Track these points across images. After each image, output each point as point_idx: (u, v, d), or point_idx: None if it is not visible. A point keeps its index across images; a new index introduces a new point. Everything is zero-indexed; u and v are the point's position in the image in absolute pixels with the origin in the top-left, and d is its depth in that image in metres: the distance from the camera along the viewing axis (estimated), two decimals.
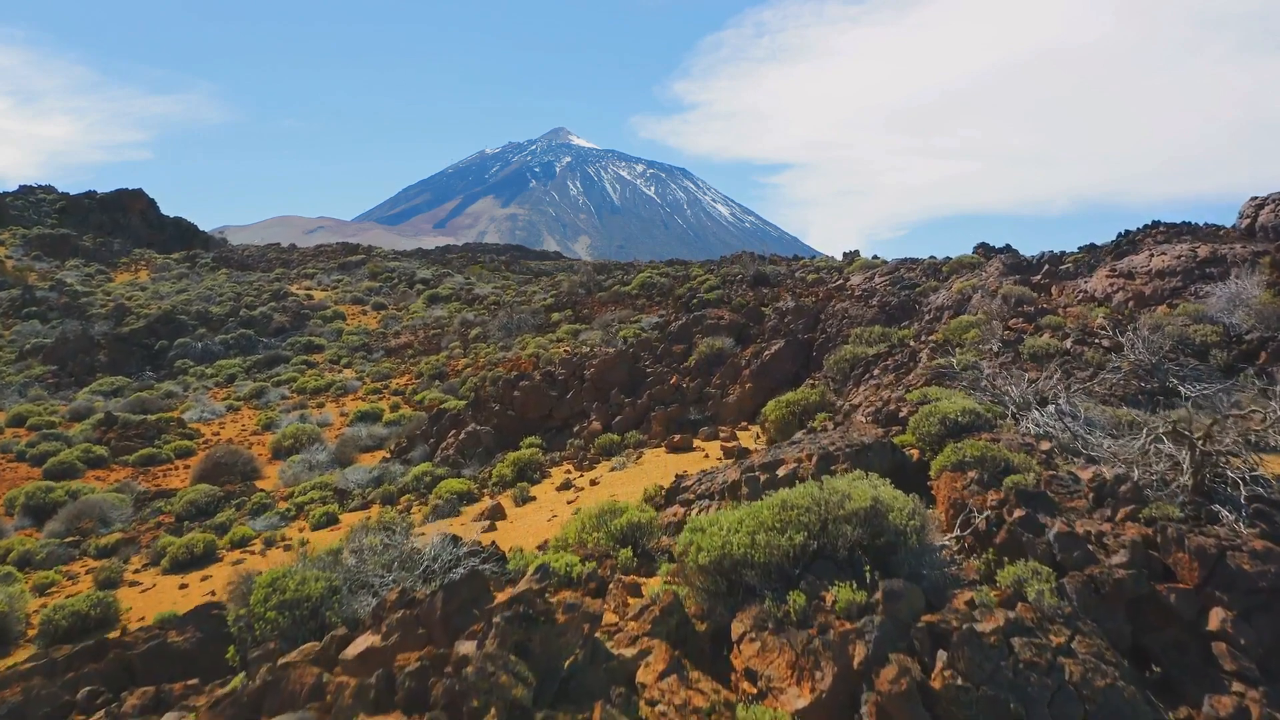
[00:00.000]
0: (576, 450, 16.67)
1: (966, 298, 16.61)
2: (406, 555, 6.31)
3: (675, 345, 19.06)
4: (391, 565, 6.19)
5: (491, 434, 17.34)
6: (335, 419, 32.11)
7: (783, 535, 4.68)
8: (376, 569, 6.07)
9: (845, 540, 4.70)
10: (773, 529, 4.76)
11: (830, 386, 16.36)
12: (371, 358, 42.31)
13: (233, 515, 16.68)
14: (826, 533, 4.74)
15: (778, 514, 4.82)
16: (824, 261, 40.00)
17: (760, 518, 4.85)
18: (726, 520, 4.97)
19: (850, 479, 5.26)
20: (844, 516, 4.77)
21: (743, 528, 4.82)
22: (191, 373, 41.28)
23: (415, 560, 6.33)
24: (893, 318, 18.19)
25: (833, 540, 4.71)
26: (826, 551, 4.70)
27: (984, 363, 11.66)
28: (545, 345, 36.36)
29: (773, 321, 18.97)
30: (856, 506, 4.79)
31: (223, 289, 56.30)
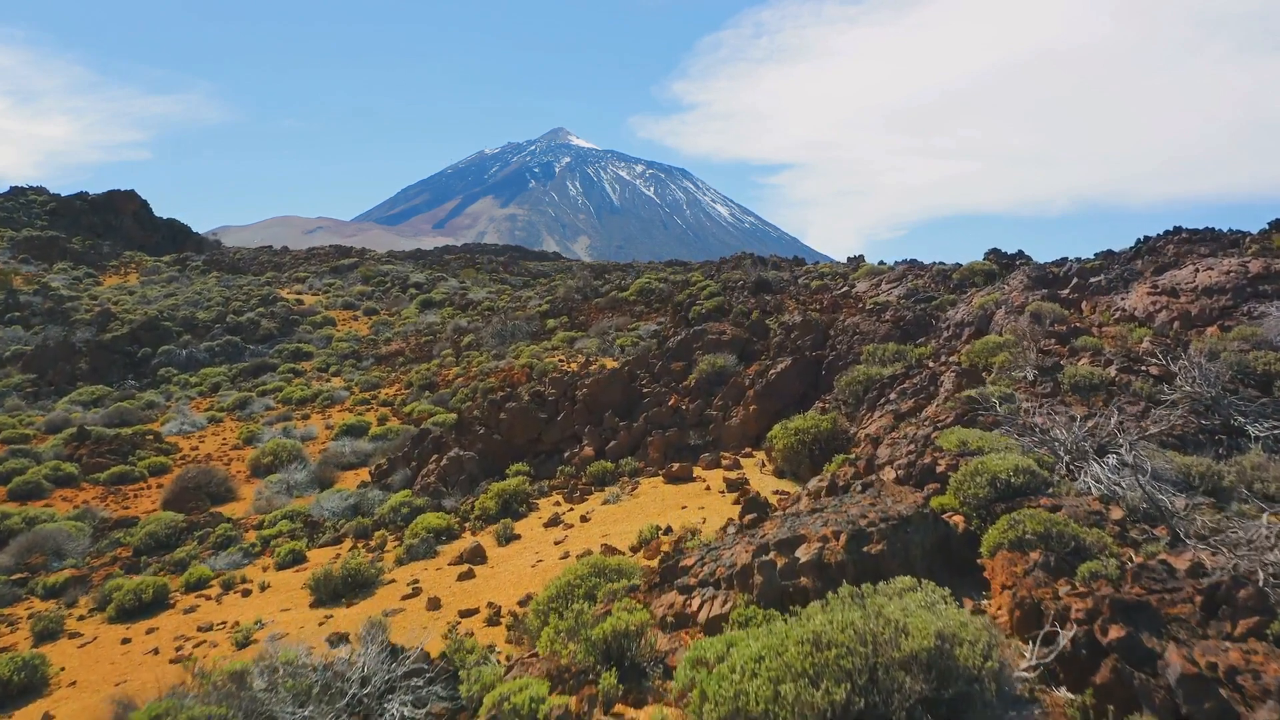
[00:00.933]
0: (567, 479, 15.38)
1: (989, 314, 15.33)
2: (329, 681, 5.02)
3: (674, 363, 17.77)
4: (310, 693, 4.91)
5: (476, 460, 16.06)
6: (320, 432, 30.82)
7: (817, 688, 3.44)
8: (288, 702, 4.79)
9: (903, 696, 3.45)
10: (802, 675, 3.51)
11: (842, 410, 15.08)
12: (361, 366, 41.02)
13: (194, 550, 15.40)
14: (876, 685, 3.49)
15: (809, 655, 3.57)
16: (828, 267, 38.73)
17: (786, 657, 3.61)
18: (740, 656, 3.72)
19: (902, 595, 4.01)
20: (899, 661, 3.53)
21: (762, 671, 3.57)
22: (175, 381, 39.98)
23: (340, 686, 5.04)
24: (908, 334, 16.91)
25: (885, 696, 3.47)
26: (877, 712, 3.45)
27: (1020, 395, 10.37)
28: (539, 354, 35.08)
29: (778, 337, 17.69)
30: (916, 647, 3.54)
31: (211, 293, 54.99)
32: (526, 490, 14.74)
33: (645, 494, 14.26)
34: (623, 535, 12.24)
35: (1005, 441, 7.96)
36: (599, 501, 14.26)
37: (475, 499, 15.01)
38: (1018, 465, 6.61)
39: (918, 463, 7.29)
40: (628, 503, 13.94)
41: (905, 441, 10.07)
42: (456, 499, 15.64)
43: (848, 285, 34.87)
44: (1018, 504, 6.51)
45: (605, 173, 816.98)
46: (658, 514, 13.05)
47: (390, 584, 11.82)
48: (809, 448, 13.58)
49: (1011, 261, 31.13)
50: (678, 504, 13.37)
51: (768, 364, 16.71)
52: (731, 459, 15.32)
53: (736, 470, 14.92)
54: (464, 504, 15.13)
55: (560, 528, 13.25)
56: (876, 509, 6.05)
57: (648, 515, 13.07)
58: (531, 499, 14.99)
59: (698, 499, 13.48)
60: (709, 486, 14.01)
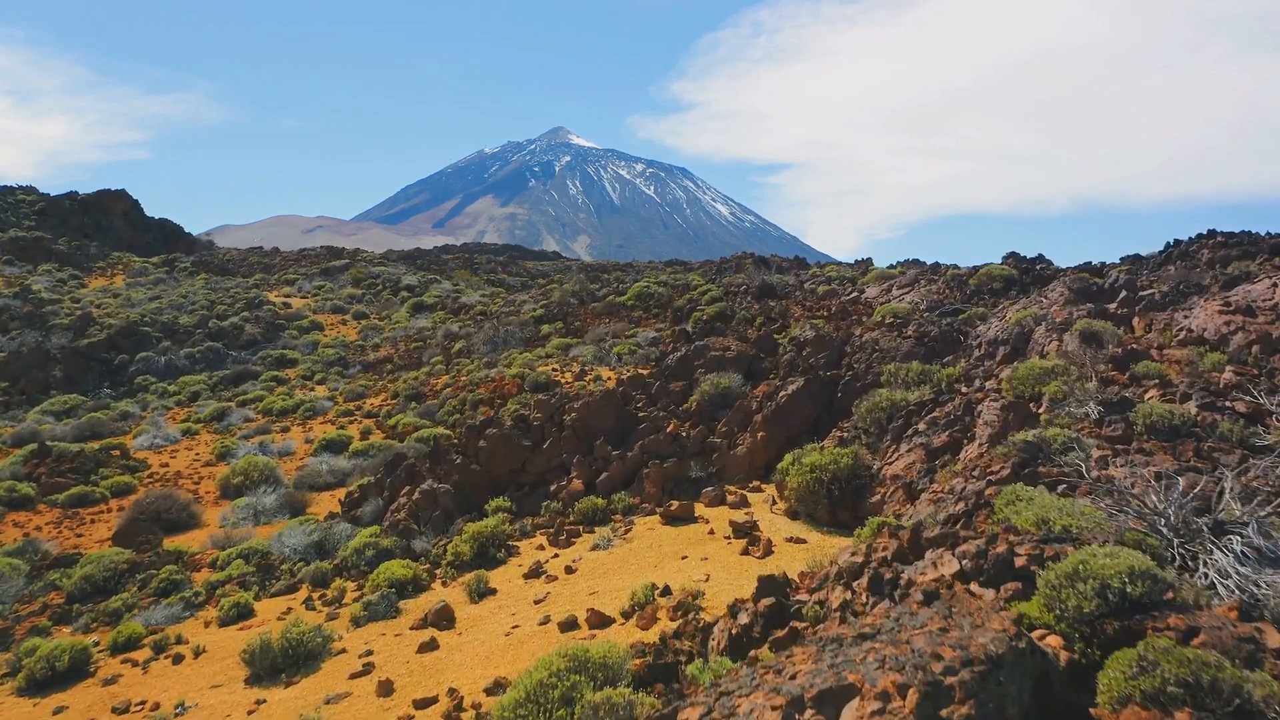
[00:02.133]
0: (552, 517, 13.67)
1: (1026, 331, 13.63)
2: None
3: (673, 382, 16.06)
4: None
5: (451, 494, 14.35)
6: (300, 446, 29.13)
7: None
8: None
9: None
10: None
11: (862, 440, 13.37)
12: (347, 373, 39.32)
13: (133, 597, 13.69)
14: None
15: None
16: (835, 270, 37.00)
17: None
18: None
19: None
20: None
21: None
22: (153, 390, 38.26)
23: None
24: (933, 352, 15.20)
25: None
26: None
27: (1087, 439, 8.65)
28: (532, 362, 33.38)
29: (789, 354, 15.97)
30: None
31: (197, 296, 53.27)
32: (506, 532, 13.03)
33: (640, 538, 12.55)
34: (613, 593, 10.54)
35: (1096, 517, 6.24)
36: (587, 546, 12.55)
37: (449, 540, 13.30)
38: (1133, 568, 4.91)
39: (989, 551, 5.58)
40: (620, 549, 12.23)
41: (952, 498, 8.36)
42: (428, 539, 13.92)
43: (856, 290, 33.17)
44: (1138, 624, 4.81)
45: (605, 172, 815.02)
46: (654, 565, 11.34)
47: (340, 655, 10.11)
48: (827, 487, 11.88)
49: (1031, 266, 29.42)
50: (677, 552, 11.67)
51: (777, 385, 15.01)
52: (738, 494, 13.62)
53: (744, 509, 13.22)
54: (436, 546, 13.42)
55: (542, 580, 11.54)
56: (951, 640, 4.37)
57: (642, 567, 11.37)
58: (512, 540, 13.28)
59: (700, 546, 11.78)
60: (713, 530, 12.31)
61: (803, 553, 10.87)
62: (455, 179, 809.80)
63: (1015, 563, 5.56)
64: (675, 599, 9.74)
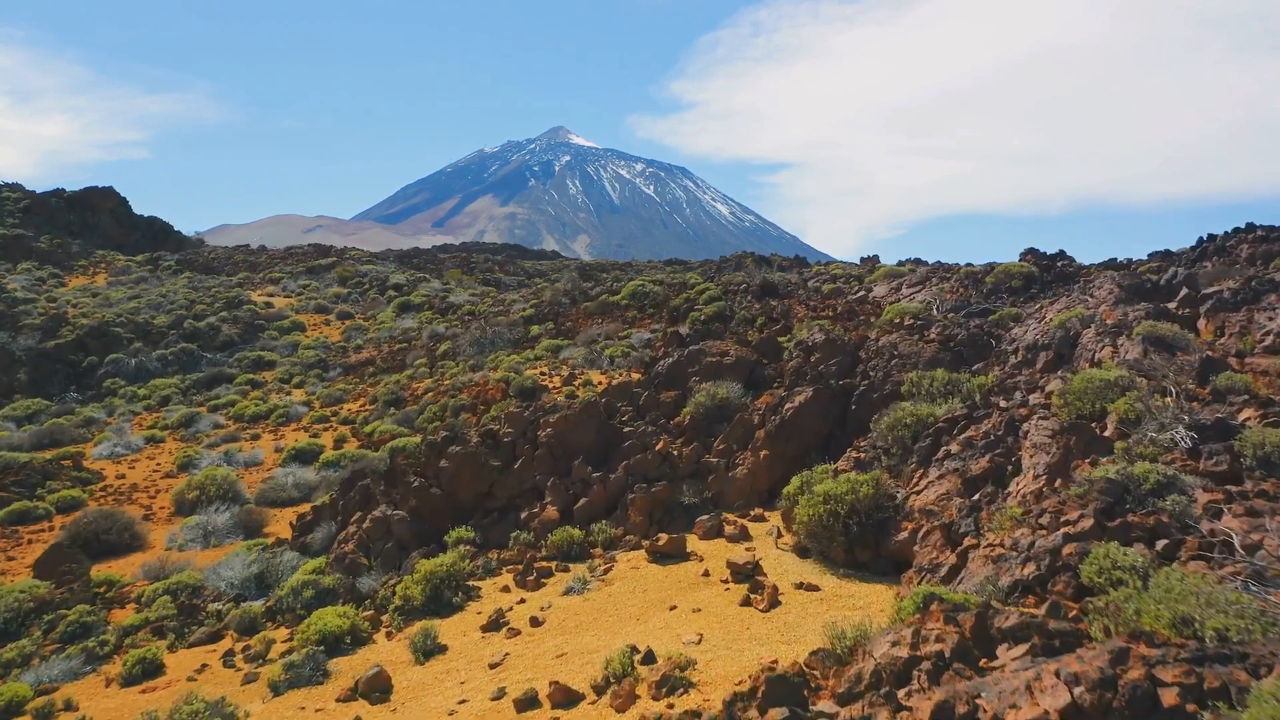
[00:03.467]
0: (522, 550, 11.74)
1: (1073, 334, 11.72)
2: None
3: (664, 392, 14.12)
4: None
5: (407, 522, 12.43)
6: (268, 455, 27.24)
7: None
8: None
9: None
10: None
11: (883, 462, 11.47)
12: (327, 376, 37.39)
13: (35, 644, 11.76)
14: None
15: None
16: (840, 268, 35.07)
17: None
18: None
19: None
20: None
21: None
22: (121, 394, 36.31)
23: None
24: (961, 358, 13.28)
25: None
26: None
27: (1189, 479, 6.73)
28: (520, 365, 31.47)
29: (795, 360, 14.03)
30: None
31: (177, 296, 51.32)
32: (465, 570, 11.11)
33: (622, 579, 10.63)
34: (585, 656, 8.63)
35: (1250, 608, 4.32)
36: (560, 589, 10.63)
37: (400, 579, 11.38)
38: None
39: (1116, 677, 3.68)
40: (598, 594, 10.31)
41: (1017, 556, 6.45)
42: (378, 575, 12.00)
43: (864, 289, 31.25)
44: None
45: (605, 171, 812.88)
46: (636, 617, 9.43)
47: None
48: (844, 521, 9.96)
49: (1051, 262, 27.48)
50: (664, 600, 9.76)
51: (782, 396, 13.09)
52: (737, 524, 11.72)
53: (744, 543, 11.30)
54: (385, 586, 11.49)
55: (503, 634, 9.62)
56: None
57: (622, 619, 9.45)
58: (473, 580, 11.36)
59: (693, 593, 9.86)
60: (708, 571, 10.39)
61: (816, 605, 8.97)
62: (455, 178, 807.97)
63: (1162, 699, 3.63)
64: (659, 669, 7.83)
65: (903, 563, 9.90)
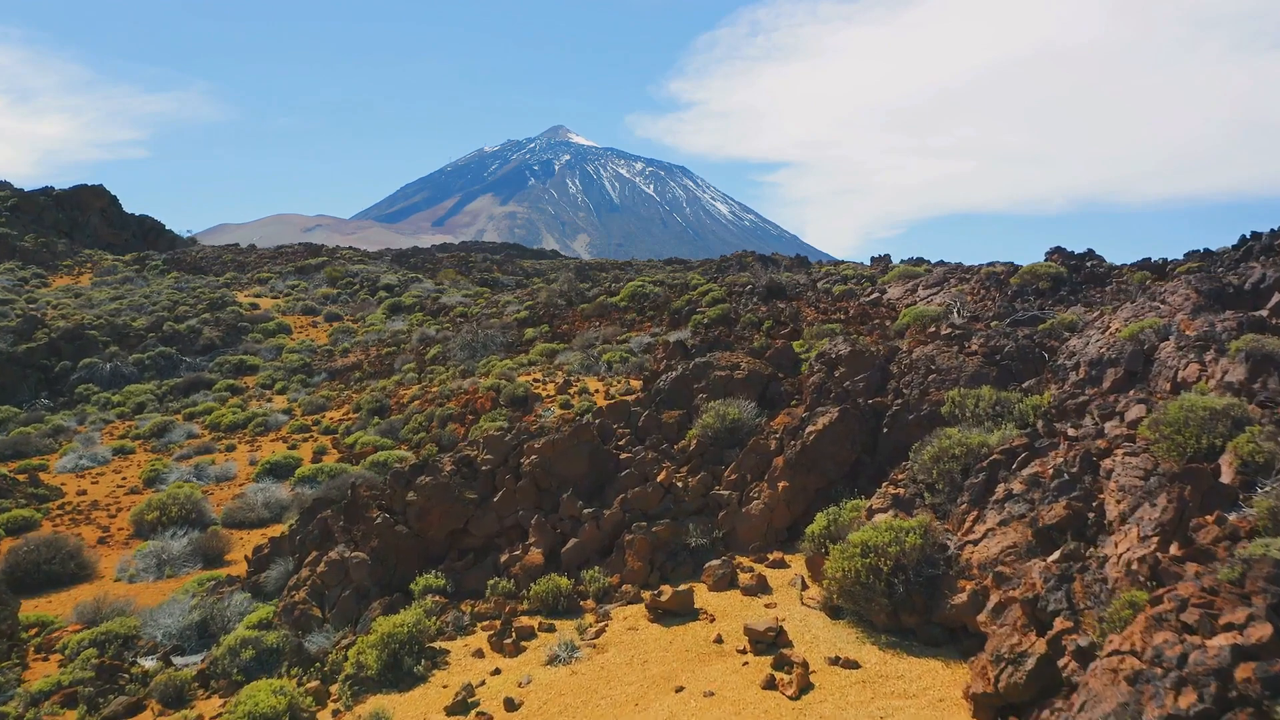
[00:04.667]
0: (499, 602, 9.96)
1: (1147, 348, 9.98)
2: None
3: (666, 411, 12.34)
4: None
5: (368, 566, 10.67)
6: (242, 469, 25.46)
7: None
8: None
9: None
10: None
11: (926, 500, 9.71)
12: (311, 381, 35.62)
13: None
14: None
15: None
16: (851, 268, 33.28)
17: None
18: None
19: None
20: None
21: None
22: (94, 400, 34.55)
23: None
24: (1009, 373, 11.52)
25: None
26: None
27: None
28: (512, 371, 29.71)
29: (817, 374, 12.24)
30: None
31: (160, 296, 49.52)
32: (430, 630, 9.33)
33: (617, 645, 8.87)
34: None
35: None
36: (542, 656, 8.86)
37: (356, 637, 9.61)
38: None
39: None
40: (588, 664, 8.55)
41: (1164, 677, 4.68)
42: (332, 631, 10.24)
43: (877, 291, 29.49)
44: None
45: (605, 170, 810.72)
46: (634, 702, 7.67)
47: None
48: (886, 580, 8.20)
49: (1081, 263, 25.71)
50: (669, 678, 8.00)
51: (803, 417, 11.32)
52: (753, 572, 9.97)
53: (763, 596, 9.54)
54: (338, 646, 9.72)
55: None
56: None
57: (617, 706, 7.69)
58: (443, 638, 9.59)
59: (703, 667, 8.11)
60: (721, 636, 8.63)
61: (858, 691, 7.21)
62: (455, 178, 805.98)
63: None
64: None
65: (958, 629, 8.17)
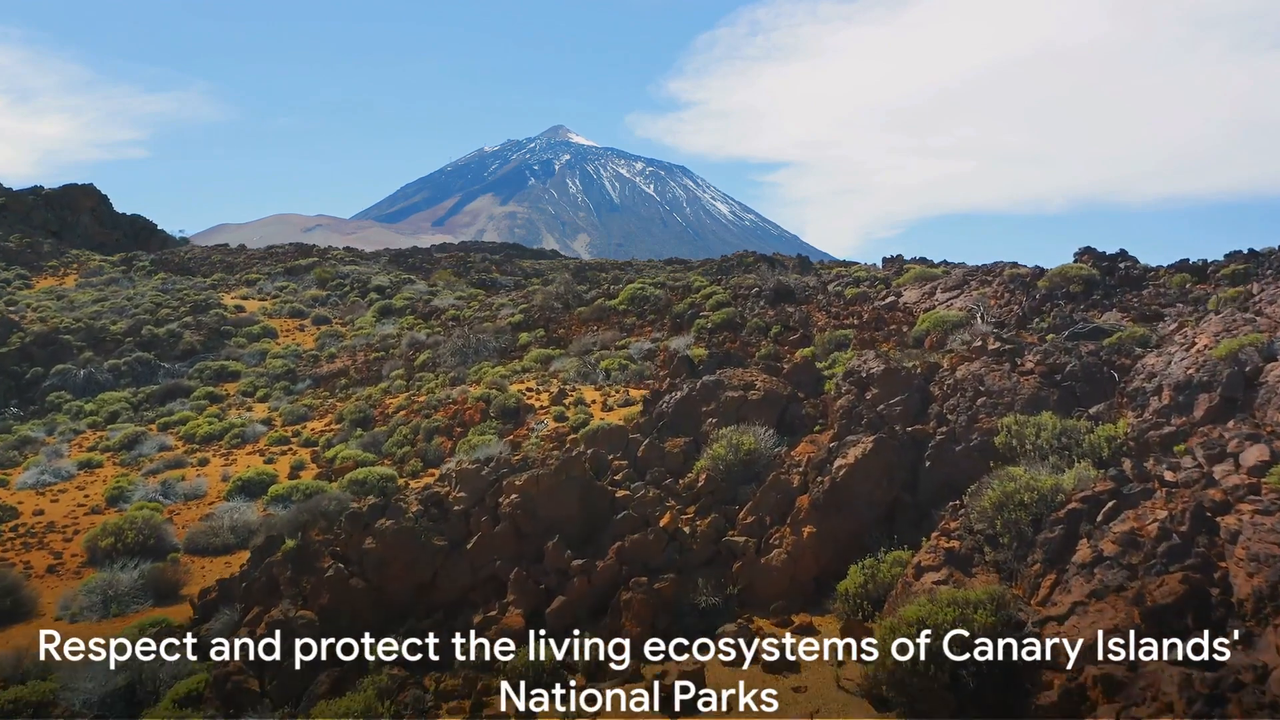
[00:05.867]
0: (470, 679, 8.25)
1: (1250, 370, 8.30)
2: None
3: (669, 439, 10.63)
4: None
5: (315, 627, 8.97)
6: (214, 485, 23.73)
7: None
8: None
9: None
10: None
11: (985, 555, 8.00)
12: (295, 389, 33.91)
13: None
14: None
15: None
16: (864, 270, 31.56)
17: None
18: None
19: None
20: None
21: None
22: (66, 409, 32.85)
23: None
24: (1073, 396, 9.83)
25: None
26: None
27: None
28: (504, 379, 28.01)
29: (845, 396, 10.52)
30: None
31: (143, 299, 47.80)
32: (381, 718, 7.62)
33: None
34: None
35: None
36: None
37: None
38: None
39: None
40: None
41: None
42: (268, 711, 8.54)
43: (892, 294, 27.79)
44: None
45: (605, 170, 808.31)
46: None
47: None
48: (950, 669, 6.49)
49: (1113, 264, 24.00)
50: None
51: (830, 447, 9.62)
52: (776, 639, 8.27)
53: (789, 675, 7.84)
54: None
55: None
56: None
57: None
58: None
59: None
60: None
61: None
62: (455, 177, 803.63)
63: None
64: None
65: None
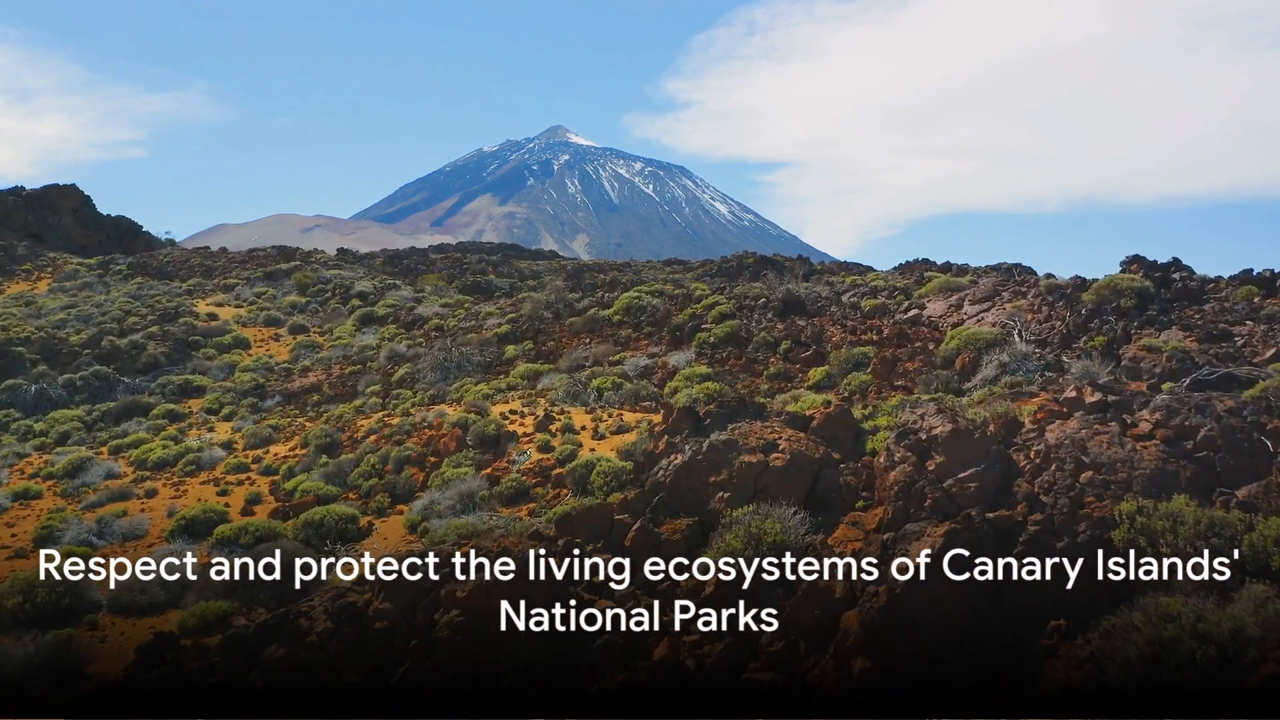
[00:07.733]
0: None
1: None
2: None
3: (666, 521, 8.02)
4: None
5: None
6: (157, 522, 21.11)
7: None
8: None
9: None
10: None
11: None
12: (263, 406, 31.31)
13: None
14: None
15: None
16: (880, 279, 28.99)
17: None
18: None
19: None
20: None
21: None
22: (14, 429, 30.26)
23: None
24: (1212, 471, 7.26)
25: None
26: None
27: None
28: (485, 399, 25.43)
29: (900, 466, 7.92)
30: None
31: (112, 306, 45.21)
32: None
33: None
34: None
35: None
36: None
37: None
38: None
39: None
40: None
41: None
42: None
43: (914, 306, 25.24)
44: None
45: (604, 170, 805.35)
46: None
47: None
48: None
49: (1167, 274, 21.40)
50: None
51: (883, 541, 7.04)
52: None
53: None
54: None
55: None
56: None
57: None
58: None
59: None
60: None
61: None
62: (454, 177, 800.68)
63: None
64: None
65: None
